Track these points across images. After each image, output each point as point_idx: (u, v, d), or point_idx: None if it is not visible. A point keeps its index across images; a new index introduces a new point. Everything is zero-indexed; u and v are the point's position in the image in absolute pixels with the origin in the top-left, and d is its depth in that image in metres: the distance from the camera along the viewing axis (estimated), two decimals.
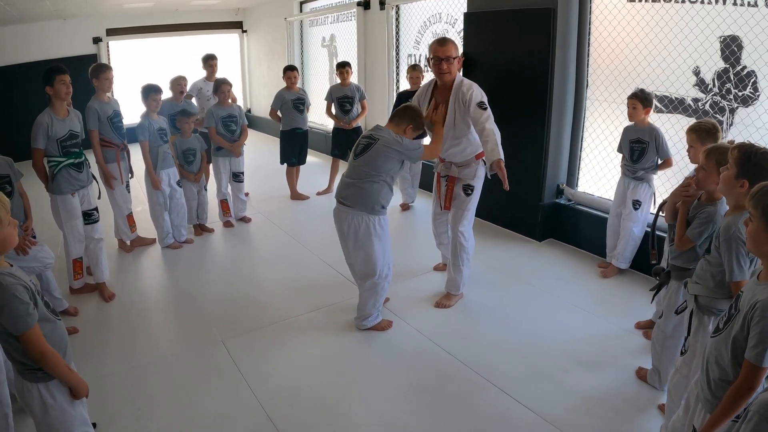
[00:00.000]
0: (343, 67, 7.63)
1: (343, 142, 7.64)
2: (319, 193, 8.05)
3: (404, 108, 4.19)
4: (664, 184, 5.07)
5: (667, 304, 3.34)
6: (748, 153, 2.47)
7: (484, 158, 4.46)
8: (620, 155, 5.08)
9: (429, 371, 3.88)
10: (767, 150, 2.47)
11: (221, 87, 6.55)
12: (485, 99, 4.32)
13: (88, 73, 5.39)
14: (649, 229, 5.00)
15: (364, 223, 4.02)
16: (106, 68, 5.47)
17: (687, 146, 3.76)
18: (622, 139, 5.02)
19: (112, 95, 5.61)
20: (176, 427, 3.35)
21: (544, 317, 4.52)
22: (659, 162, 4.84)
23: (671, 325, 3.32)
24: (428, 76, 7.47)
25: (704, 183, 2.95)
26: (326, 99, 7.78)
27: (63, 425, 2.50)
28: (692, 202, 3.09)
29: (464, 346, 4.13)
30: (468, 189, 4.55)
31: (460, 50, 4.38)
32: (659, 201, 4.91)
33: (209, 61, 7.59)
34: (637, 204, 4.93)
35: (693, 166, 3.85)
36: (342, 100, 7.62)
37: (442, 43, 4.30)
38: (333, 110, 7.74)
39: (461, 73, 4.37)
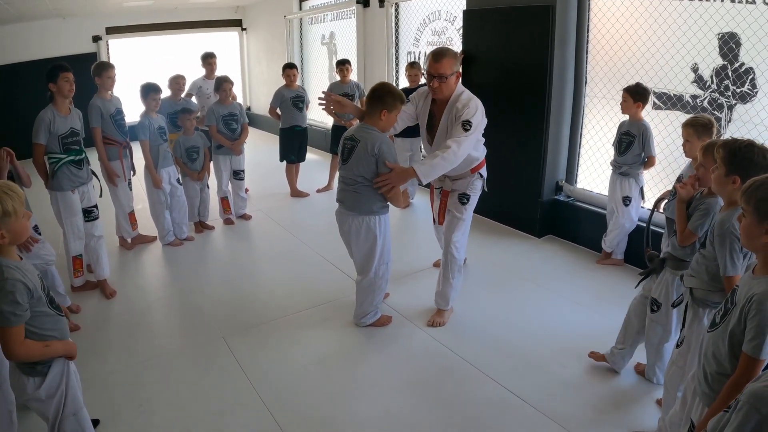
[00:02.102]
0: (342, 65, 7.64)
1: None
2: (319, 191, 8.06)
3: (371, 93, 3.97)
4: (654, 178, 5.14)
5: (663, 295, 3.34)
6: (733, 149, 2.50)
7: (480, 171, 4.39)
8: None
9: (428, 366, 3.90)
10: (751, 142, 2.51)
11: (223, 85, 6.56)
12: (478, 120, 4.00)
13: (91, 71, 5.42)
14: (640, 223, 5.07)
15: (365, 224, 4.02)
16: (109, 66, 5.49)
17: (683, 140, 3.79)
18: (616, 133, 5.09)
19: (113, 93, 5.62)
20: (178, 422, 3.37)
21: (542, 313, 4.55)
22: (645, 159, 4.92)
23: (668, 318, 3.34)
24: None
25: (705, 179, 2.98)
26: None
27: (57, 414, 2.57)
28: (690, 197, 3.12)
29: (463, 341, 4.15)
30: (464, 198, 4.36)
31: (458, 67, 4.13)
32: (648, 196, 4.99)
33: (208, 59, 7.60)
34: (627, 200, 5.03)
35: (687, 161, 3.91)
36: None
37: (437, 58, 4.00)
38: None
39: (460, 83, 4.17)
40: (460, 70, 4.16)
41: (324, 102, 4.07)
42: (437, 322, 4.39)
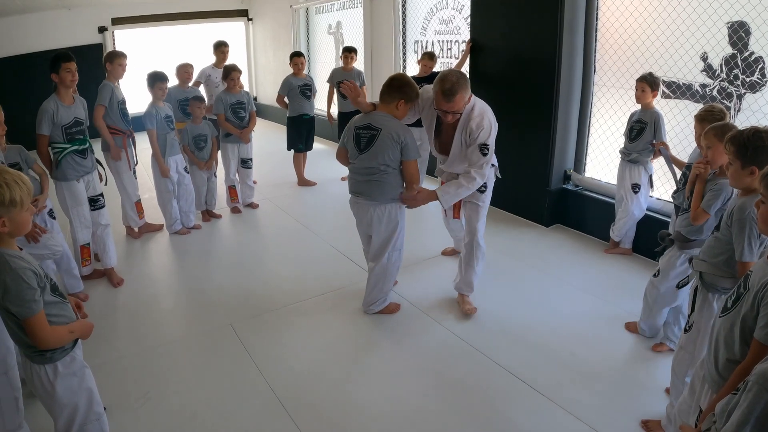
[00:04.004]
0: (349, 52, 7.61)
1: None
2: (344, 179, 8.05)
3: (389, 83, 3.93)
4: (663, 167, 5.06)
5: (664, 264, 3.53)
6: (742, 141, 2.52)
7: (493, 162, 4.28)
8: None
9: (437, 353, 3.91)
10: (756, 129, 2.52)
11: (231, 74, 6.55)
12: (493, 140, 3.95)
13: (103, 59, 5.44)
14: (649, 213, 5.14)
15: (387, 211, 4.02)
16: (122, 55, 5.50)
17: (696, 134, 3.77)
18: (627, 122, 5.09)
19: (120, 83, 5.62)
20: (185, 410, 3.38)
21: (551, 301, 4.55)
22: (654, 142, 4.88)
23: (665, 286, 3.56)
24: (438, 66, 7.47)
25: (715, 160, 3.04)
26: (329, 81, 7.85)
27: (74, 403, 2.53)
28: (706, 177, 3.17)
29: (472, 329, 4.16)
30: (482, 186, 4.17)
31: (469, 91, 3.86)
32: (657, 185, 5.07)
33: (221, 47, 7.59)
34: (636, 187, 5.02)
35: (694, 149, 3.95)
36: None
37: (449, 97, 3.74)
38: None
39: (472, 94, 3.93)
40: (471, 93, 3.93)
41: (347, 88, 3.99)
42: (471, 310, 4.37)
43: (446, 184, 4.00)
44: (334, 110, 7.98)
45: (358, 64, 7.76)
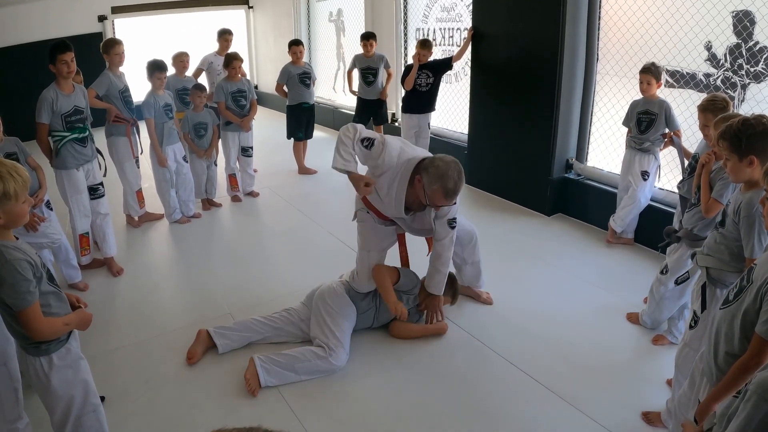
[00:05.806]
0: (367, 39, 7.49)
1: (366, 111, 7.79)
2: None
3: None
4: (667, 157, 5.07)
5: (674, 263, 3.49)
6: (734, 134, 2.51)
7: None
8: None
9: (436, 343, 3.90)
10: (745, 118, 2.52)
11: (233, 62, 6.52)
12: (455, 211, 3.67)
13: (100, 50, 5.40)
14: (653, 203, 5.11)
15: None
16: (116, 43, 5.45)
17: (699, 123, 3.73)
18: (628, 112, 5.02)
19: (122, 71, 5.59)
20: (185, 399, 3.38)
21: (552, 291, 4.53)
22: (666, 132, 4.83)
23: (673, 284, 3.51)
24: (439, 53, 7.42)
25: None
26: (351, 67, 7.80)
27: (69, 395, 2.52)
28: (711, 167, 3.17)
29: (472, 319, 4.15)
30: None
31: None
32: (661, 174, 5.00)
33: (225, 35, 7.56)
34: (645, 175, 4.96)
35: (701, 139, 3.89)
36: (365, 71, 7.60)
37: (452, 196, 3.37)
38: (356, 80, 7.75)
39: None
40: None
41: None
42: (489, 298, 4.38)
43: (428, 277, 3.84)
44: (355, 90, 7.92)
45: (357, 51, 7.68)
